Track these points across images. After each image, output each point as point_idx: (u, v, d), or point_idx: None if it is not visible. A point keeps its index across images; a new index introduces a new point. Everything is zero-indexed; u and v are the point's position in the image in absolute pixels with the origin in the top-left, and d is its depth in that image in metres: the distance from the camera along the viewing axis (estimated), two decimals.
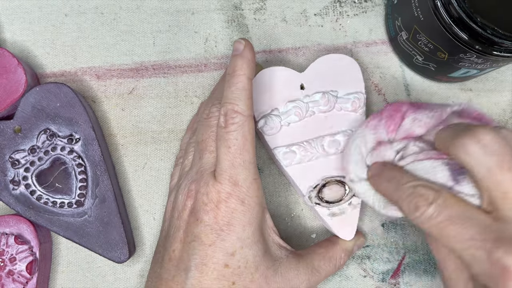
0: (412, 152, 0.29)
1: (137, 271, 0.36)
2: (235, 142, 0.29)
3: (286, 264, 0.31)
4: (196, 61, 0.38)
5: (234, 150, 0.29)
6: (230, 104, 0.29)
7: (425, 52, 0.34)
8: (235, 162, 0.29)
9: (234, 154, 0.29)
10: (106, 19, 0.38)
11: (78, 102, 0.34)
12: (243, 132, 0.29)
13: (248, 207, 0.29)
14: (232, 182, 0.29)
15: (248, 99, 0.29)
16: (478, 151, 0.24)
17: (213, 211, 0.29)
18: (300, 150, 0.33)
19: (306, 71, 0.35)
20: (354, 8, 0.39)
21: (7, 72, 0.33)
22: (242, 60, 0.30)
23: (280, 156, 0.33)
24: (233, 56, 0.30)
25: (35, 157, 0.33)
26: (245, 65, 0.30)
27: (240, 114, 0.29)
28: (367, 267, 0.37)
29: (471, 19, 0.29)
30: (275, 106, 0.34)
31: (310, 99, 0.34)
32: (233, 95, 0.29)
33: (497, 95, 0.39)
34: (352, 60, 0.35)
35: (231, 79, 0.30)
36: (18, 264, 0.33)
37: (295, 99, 0.34)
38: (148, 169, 0.37)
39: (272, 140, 0.34)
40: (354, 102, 0.34)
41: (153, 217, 0.37)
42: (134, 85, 0.37)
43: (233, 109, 0.29)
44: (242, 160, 0.29)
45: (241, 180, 0.29)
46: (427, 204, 0.25)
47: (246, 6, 0.39)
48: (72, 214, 0.33)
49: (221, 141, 0.29)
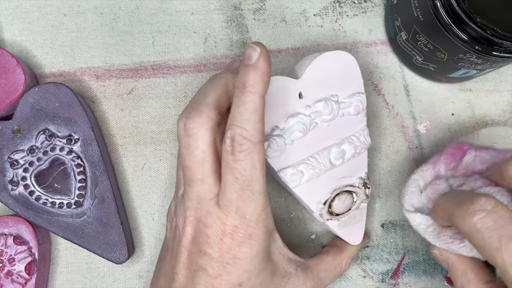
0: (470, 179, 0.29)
1: (136, 272, 0.36)
2: (243, 172, 0.26)
3: (294, 280, 0.30)
4: (196, 61, 0.38)
5: (242, 181, 0.26)
6: (238, 128, 0.25)
7: (425, 52, 0.34)
8: (243, 194, 0.26)
9: (242, 185, 0.26)
10: (105, 19, 0.38)
11: (77, 103, 0.34)
12: (252, 161, 0.26)
13: (256, 239, 0.27)
14: (240, 215, 0.26)
15: (258, 122, 0.26)
16: None
17: (217, 244, 0.27)
18: (308, 169, 0.31)
19: (303, 77, 0.31)
20: (354, 8, 0.39)
21: (6, 72, 0.33)
22: (255, 73, 0.25)
23: (287, 178, 0.31)
24: (245, 66, 0.26)
25: (34, 157, 0.33)
26: (258, 80, 0.25)
27: (249, 141, 0.25)
28: (366, 267, 0.37)
29: (470, 19, 0.29)
30: (274, 124, 0.30)
31: (312, 110, 0.31)
32: (241, 116, 0.25)
33: (497, 95, 0.39)
34: (347, 55, 0.32)
35: (241, 96, 0.26)
36: (17, 265, 0.33)
37: (296, 113, 0.31)
38: (147, 169, 0.37)
39: (276, 162, 0.31)
40: (356, 106, 0.32)
41: (152, 217, 0.36)
42: (133, 86, 0.37)
43: (241, 135, 0.25)
44: (251, 192, 0.26)
45: (249, 213, 0.26)
46: (485, 211, 0.24)
47: (246, 6, 0.39)
48: (71, 214, 0.33)
49: (227, 168, 0.26)
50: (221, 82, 0.28)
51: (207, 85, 0.28)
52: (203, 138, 0.26)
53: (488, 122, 0.38)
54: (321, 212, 0.32)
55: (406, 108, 0.38)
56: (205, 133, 0.26)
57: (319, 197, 0.32)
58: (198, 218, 0.27)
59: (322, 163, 0.31)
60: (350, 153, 0.32)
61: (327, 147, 0.32)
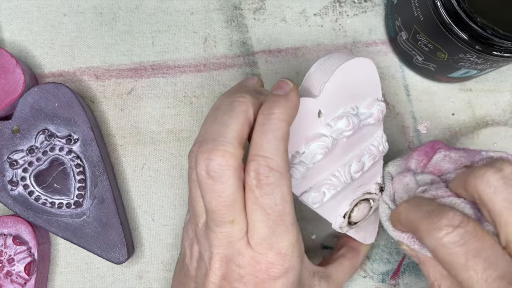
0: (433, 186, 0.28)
1: (136, 272, 0.36)
2: (275, 207, 0.24)
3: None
4: (195, 61, 0.38)
5: (274, 216, 0.24)
6: (264, 159, 0.23)
7: (425, 52, 0.34)
8: (276, 229, 0.24)
9: (274, 220, 0.24)
10: (104, 19, 0.38)
11: (77, 102, 0.34)
12: (282, 193, 0.24)
13: (292, 271, 0.25)
14: (275, 251, 0.24)
15: (285, 152, 0.24)
16: (498, 181, 0.23)
17: (252, 282, 0.25)
18: (330, 189, 0.29)
19: (322, 94, 0.27)
20: (354, 8, 0.39)
21: (6, 72, 0.33)
22: (286, 102, 0.24)
23: (309, 201, 0.29)
24: (275, 95, 0.25)
25: (33, 157, 0.33)
26: (289, 109, 0.24)
27: (277, 172, 0.23)
28: (367, 267, 0.37)
29: (471, 19, 0.29)
30: (295, 150, 0.27)
31: (333, 129, 0.28)
32: (268, 145, 0.23)
33: (497, 95, 0.39)
34: (367, 61, 0.29)
35: (267, 123, 0.24)
36: (17, 265, 0.33)
37: (317, 135, 0.28)
38: (147, 169, 0.37)
39: (296, 187, 0.28)
40: (377, 116, 0.30)
41: (151, 217, 0.36)
42: (133, 85, 0.37)
43: (268, 166, 0.23)
44: (284, 226, 0.24)
45: (285, 247, 0.25)
46: (453, 226, 0.23)
47: (246, 6, 0.39)
48: (71, 214, 0.33)
49: (255, 204, 0.24)
50: (241, 109, 0.24)
51: (225, 113, 0.25)
52: (231, 180, 0.23)
53: (488, 122, 0.38)
54: (341, 225, 0.31)
55: (407, 108, 0.38)
56: (233, 175, 0.23)
57: (339, 211, 0.31)
58: (227, 257, 0.25)
59: (343, 179, 0.30)
60: (368, 164, 0.30)
61: (347, 161, 0.30)
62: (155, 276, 0.36)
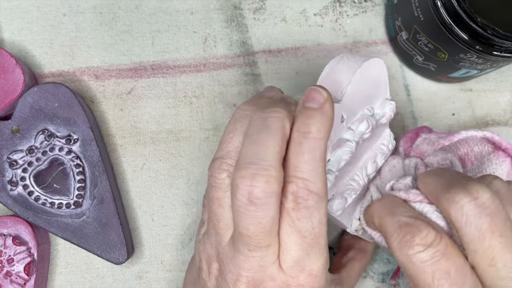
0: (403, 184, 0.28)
1: (136, 272, 0.36)
2: (311, 231, 0.23)
3: None
4: (195, 61, 0.38)
5: (310, 239, 0.23)
6: (303, 181, 0.22)
7: (425, 52, 0.34)
8: (311, 252, 0.23)
9: (309, 243, 0.23)
10: (104, 19, 0.38)
11: (77, 102, 0.34)
12: (319, 216, 0.23)
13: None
14: (306, 273, 0.24)
15: (324, 173, 0.23)
16: (473, 210, 0.22)
17: None
18: (351, 194, 0.29)
19: (344, 98, 0.27)
20: (354, 8, 0.39)
21: (5, 72, 0.33)
22: (322, 117, 0.23)
23: (333, 209, 0.28)
24: (308, 109, 0.23)
25: (33, 157, 0.33)
26: (325, 124, 0.23)
27: (316, 195, 0.22)
28: (367, 267, 0.37)
29: (471, 19, 0.28)
30: None
31: (355, 134, 0.28)
32: (307, 167, 0.22)
33: (497, 96, 0.39)
34: (379, 62, 0.29)
35: (305, 142, 0.22)
36: (16, 265, 0.33)
37: (342, 141, 0.27)
38: (147, 169, 0.37)
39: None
40: (389, 115, 0.30)
41: (151, 218, 0.36)
42: (133, 85, 0.37)
43: (308, 189, 0.22)
44: (318, 248, 0.23)
45: (316, 269, 0.24)
46: (425, 245, 0.22)
47: (246, 5, 0.38)
48: (70, 215, 0.33)
49: (291, 228, 0.23)
50: (278, 126, 0.23)
51: (261, 131, 0.23)
52: (273, 207, 0.22)
53: (488, 122, 0.38)
54: (357, 228, 0.30)
55: (407, 108, 0.38)
56: (276, 201, 0.22)
57: (354, 214, 0.30)
58: (256, 281, 0.24)
59: (362, 183, 0.29)
60: (381, 163, 0.30)
61: (363, 164, 0.30)
62: (155, 276, 0.36)
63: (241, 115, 0.25)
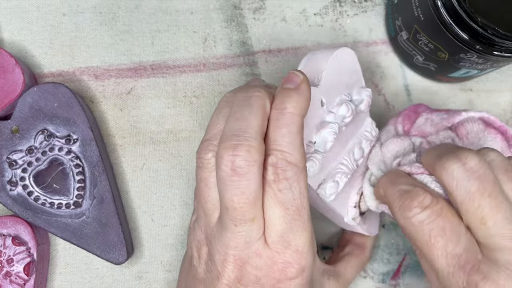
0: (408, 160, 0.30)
1: (135, 273, 0.36)
2: (293, 202, 0.24)
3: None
4: (195, 60, 0.38)
5: (293, 211, 0.24)
6: (281, 153, 0.24)
7: (426, 52, 0.34)
8: (294, 225, 0.24)
9: (292, 216, 0.24)
10: (104, 19, 0.38)
11: (76, 102, 0.34)
12: (299, 187, 0.24)
13: (308, 269, 0.25)
14: (292, 249, 0.24)
15: (302, 146, 0.24)
16: (461, 174, 0.24)
17: (268, 284, 0.25)
18: (342, 177, 0.30)
19: (321, 83, 0.28)
20: (354, 7, 0.39)
21: (5, 72, 0.33)
22: (298, 96, 0.24)
23: (326, 193, 0.29)
24: (285, 89, 0.25)
25: (32, 157, 0.33)
26: (301, 102, 0.24)
27: (294, 166, 0.24)
28: (367, 267, 0.37)
29: (471, 19, 0.28)
30: (308, 139, 0.28)
31: (336, 116, 0.29)
32: (284, 140, 0.24)
33: (498, 95, 0.39)
34: (349, 50, 0.30)
35: (282, 118, 0.24)
36: (16, 266, 0.33)
37: (325, 123, 0.29)
38: (147, 169, 0.37)
39: (313, 180, 0.29)
40: (367, 101, 0.31)
41: (151, 218, 0.36)
42: (133, 85, 0.37)
43: (286, 160, 0.24)
44: (301, 222, 0.24)
45: (302, 244, 0.25)
46: (422, 207, 0.24)
47: (246, 5, 0.38)
48: (70, 215, 0.33)
49: (273, 199, 0.24)
50: (260, 104, 0.25)
51: (243, 108, 0.25)
52: (255, 176, 0.23)
53: None
54: (354, 216, 0.31)
55: None
56: (258, 171, 0.23)
57: (349, 202, 0.31)
58: (242, 259, 0.25)
59: (351, 166, 0.31)
60: (367, 150, 0.32)
61: (349, 149, 0.31)
62: (155, 276, 0.36)
63: (225, 101, 0.27)
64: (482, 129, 0.30)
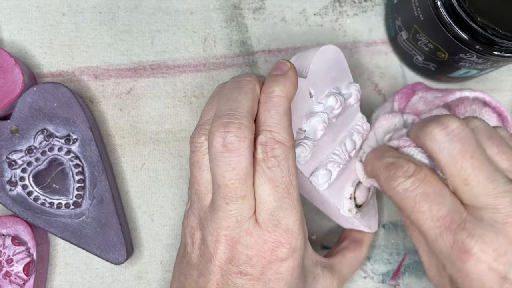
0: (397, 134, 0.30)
1: (135, 273, 0.36)
2: (282, 180, 0.25)
3: (322, 281, 0.30)
4: (195, 60, 0.38)
5: (282, 189, 0.25)
6: (270, 132, 0.25)
7: (425, 52, 0.34)
8: (283, 203, 0.25)
9: (282, 193, 0.25)
10: (104, 19, 0.38)
11: (76, 102, 0.34)
12: (288, 165, 0.25)
13: (299, 251, 0.26)
14: (283, 228, 0.25)
15: (289, 126, 0.25)
16: (443, 137, 0.25)
17: (259, 264, 0.25)
18: (335, 166, 0.31)
19: (309, 75, 0.30)
20: (354, 7, 0.39)
21: (5, 72, 0.33)
22: (285, 80, 0.26)
23: (319, 181, 0.30)
24: (273, 75, 0.26)
25: (32, 157, 0.33)
26: (287, 86, 0.26)
27: (283, 145, 0.25)
28: (367, 268, 0.37)
29: (471, 19, 0.28)
30: (298, 127, 0.29)
31: (325, 107, 0.30)
32: (272, 120, 0.25)
33: (497, 95, 0.39)
34: (335, 47, 0.31)
35: (269, 101, 0.25)
36: (15, 266, 0.32)
37: (314, 112, 0.30)
38: (146, 169, 0.37)
39: (305, 167, 0.30)
40: (356, 95, 0.32)
41: (151, 218, 0.36)
42: (132, 85, 0.37)
43: (274, 138, 0.25)
44: (290, 200, 0.25)
45: (291, 223, 0.25)
46: (406, 176, 0.26)
47: (245, 5, 0.38)
48: (70, 215, 0.33)
49: (263, 177, 0.25)
50: (250, 88, 0.26)
51: (234, 91, 0.26)
52: (246, 153, 0.24)
53: None
54: (350, 207, 0.32)
55: None
56: (248, 148, 0.24)
57: (344, 194, 0.32)
58: (233, 239, 0.25)
59: (342, 157, 0.31)
60: (359, 142, 0.33)
61: (341, 141, 0.32)
62: (154, 276, 0.36)
63: (218, 91, 0.29)
64: (479, 108, 0.31)
